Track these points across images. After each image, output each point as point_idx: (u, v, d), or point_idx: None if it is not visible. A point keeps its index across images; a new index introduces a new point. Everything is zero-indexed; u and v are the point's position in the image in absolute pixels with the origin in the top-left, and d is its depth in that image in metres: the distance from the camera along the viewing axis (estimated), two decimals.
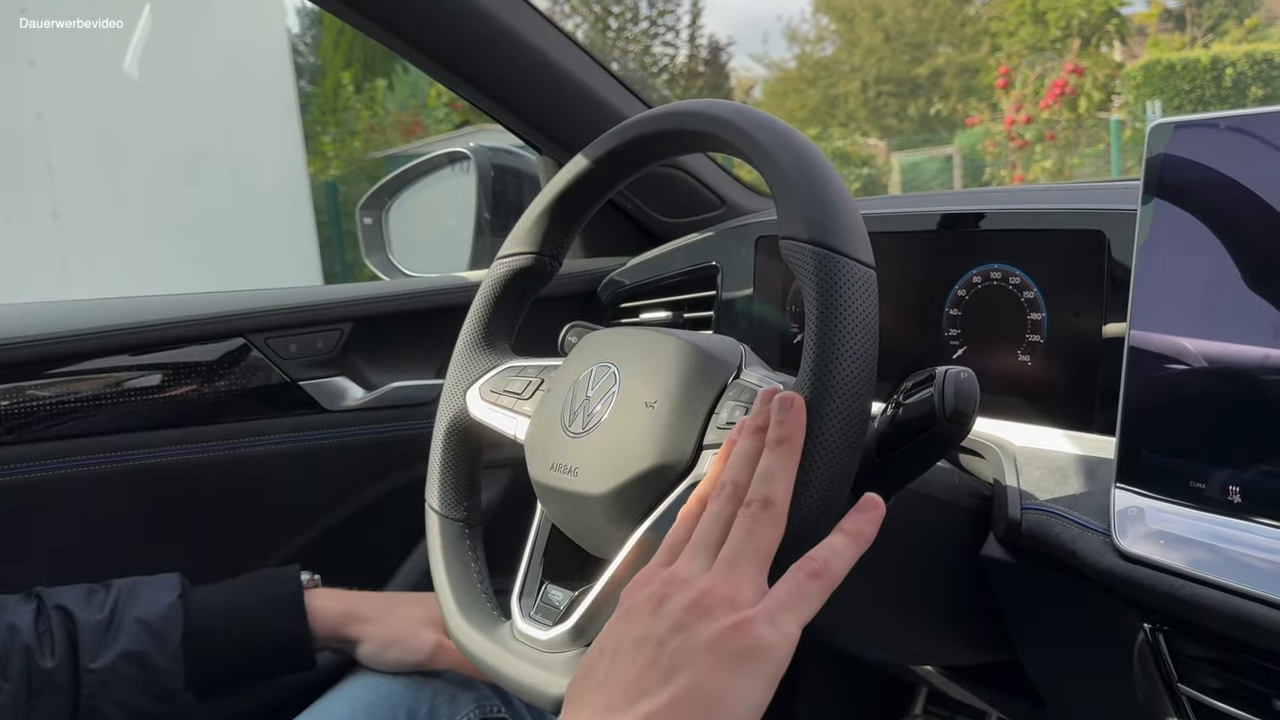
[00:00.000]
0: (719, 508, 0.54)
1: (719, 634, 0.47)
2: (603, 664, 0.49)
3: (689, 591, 0.49)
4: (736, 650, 0.46)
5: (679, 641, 0.47)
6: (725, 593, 0.49)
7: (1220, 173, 0.63)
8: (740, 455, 0.56)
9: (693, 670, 0.46)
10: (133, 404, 1.03)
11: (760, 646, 0.47)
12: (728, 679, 0.46)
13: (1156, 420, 0.65)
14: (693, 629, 0.47)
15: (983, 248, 0.84)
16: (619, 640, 0.50)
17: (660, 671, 0.46)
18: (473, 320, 0.81)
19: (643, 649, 0.48)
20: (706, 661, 0.46)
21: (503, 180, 1.32)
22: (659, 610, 0.49)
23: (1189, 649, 0.64)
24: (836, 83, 18.33)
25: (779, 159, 0.63)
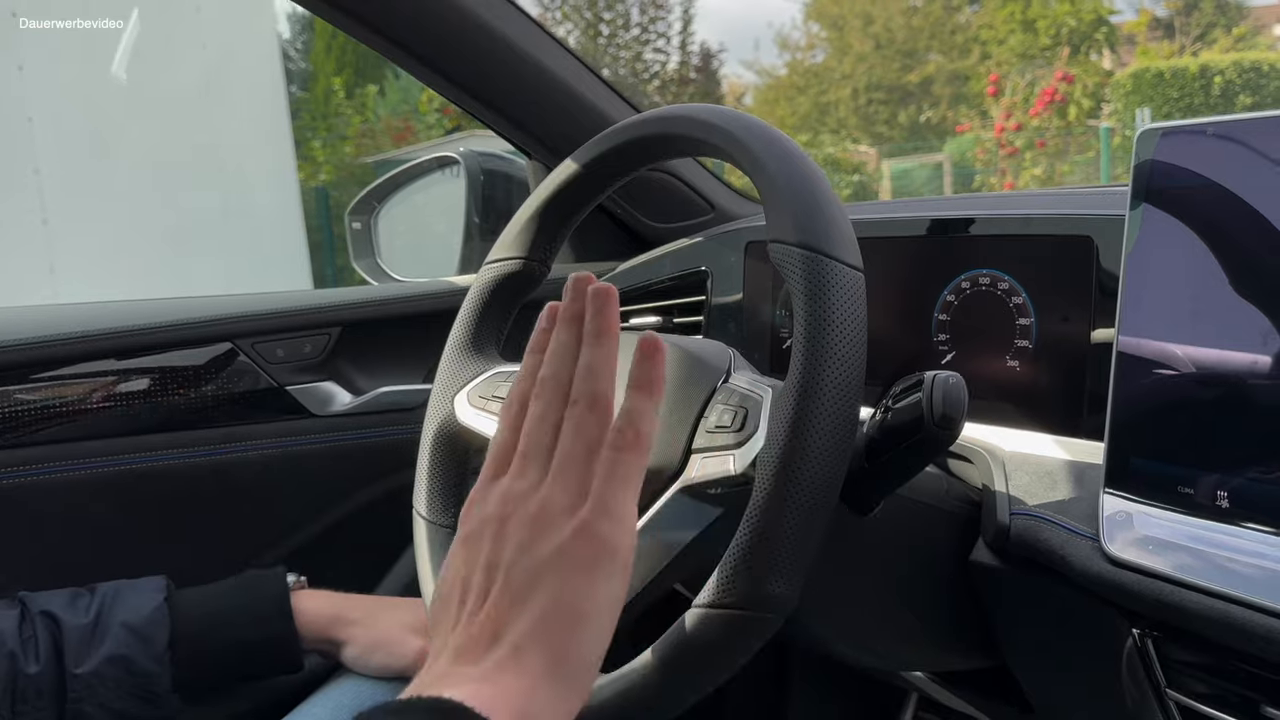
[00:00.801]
0: (542, 409, 0.52)
1: (563, 545, 0.47)
2: (455, 599, 0.49)
3: (528, 506, 0.49)
4: (585, 556, 0.47)
5: (526, 562, 0.47)
6: (561, 501, 0.48)
7: (1208, 178, 0.63)
8: (559, 348, 0.53)
9: (547, 587, 0.46)
10: (119, 409, 1.03)
11: (606, 545, 0.47)
12: (583, 586, 0.46)
13: (1145, 425, 0.65)
14: (537, 546, 0.47)
15: (972, 253, 0.84)
16: (468, 571, 0.49)
17: (516, 597, 0.46)
18: (461, 325, 0.80)
19: (491, 577, 0.47)
20: (559, 575, 0.46)
21: (492, 185, 1.31)
22: (501, 533, 0.48)
23: (1177, 654, 0.64)
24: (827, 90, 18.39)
25: (767, 163, 0.63)
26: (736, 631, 0.57)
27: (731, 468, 0.61)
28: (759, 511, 0.56)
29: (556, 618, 0.45)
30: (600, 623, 0.47)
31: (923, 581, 0.78)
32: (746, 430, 0.61)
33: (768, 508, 0.56)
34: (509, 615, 0.46)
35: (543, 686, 0.44)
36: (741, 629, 0.57)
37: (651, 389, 0.51)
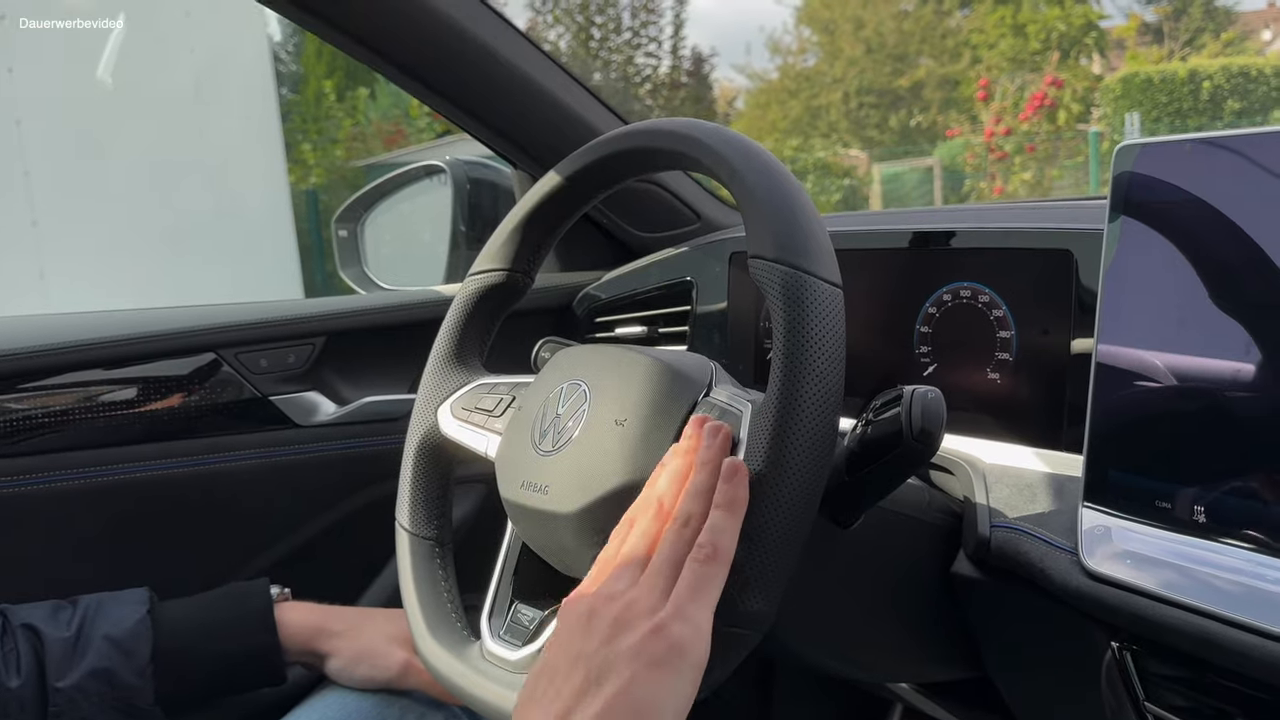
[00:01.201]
0: (646, 525, 0.57)
1: (639, 641, 0.51)
2: (542, 684, 0.53)
3: (615, 606, 0.53)
4: (657, 654, 0.51)
5: (605, 654, 0.51)
6: (645, 603, 0.53)
7: (1187, 192, 0.64)
8: (670, 475, 0.59)
9: (619, 678, 0.50)
10: (102, 419, 1.03)
11: (677, 645, 0.51)
12: (653, 681, 0.50)
13: (1123, 439, 0.65)
14: (617, 640, 0.52)
15: (953, 266, 0.84)
16: (556, 660, 0.54)
17: (591, 684, 0.51)
18: (444, 337, 0.80)
19: (576, 666, 0.52)
20: (631, 668, 0.50)
21: (479, 194, 1.32)
22: (589, 627, 0.53)
23: (1156, 668, 0.64)
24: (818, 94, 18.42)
25: (748, 178, 0.63)
26: (714, 648, 0.57)
27: None
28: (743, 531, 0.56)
29: (622, 707, 0.49)
30: (665, 714, 0.50)
31: (905, 593, 0.78)
32: None
33: (747, 524, 0.56)
34: (582, 701, 0.50)
35: None
36: (719, 646, 0.57)
37: (733, 508, 0.56)
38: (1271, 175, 0.60)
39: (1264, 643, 0.55)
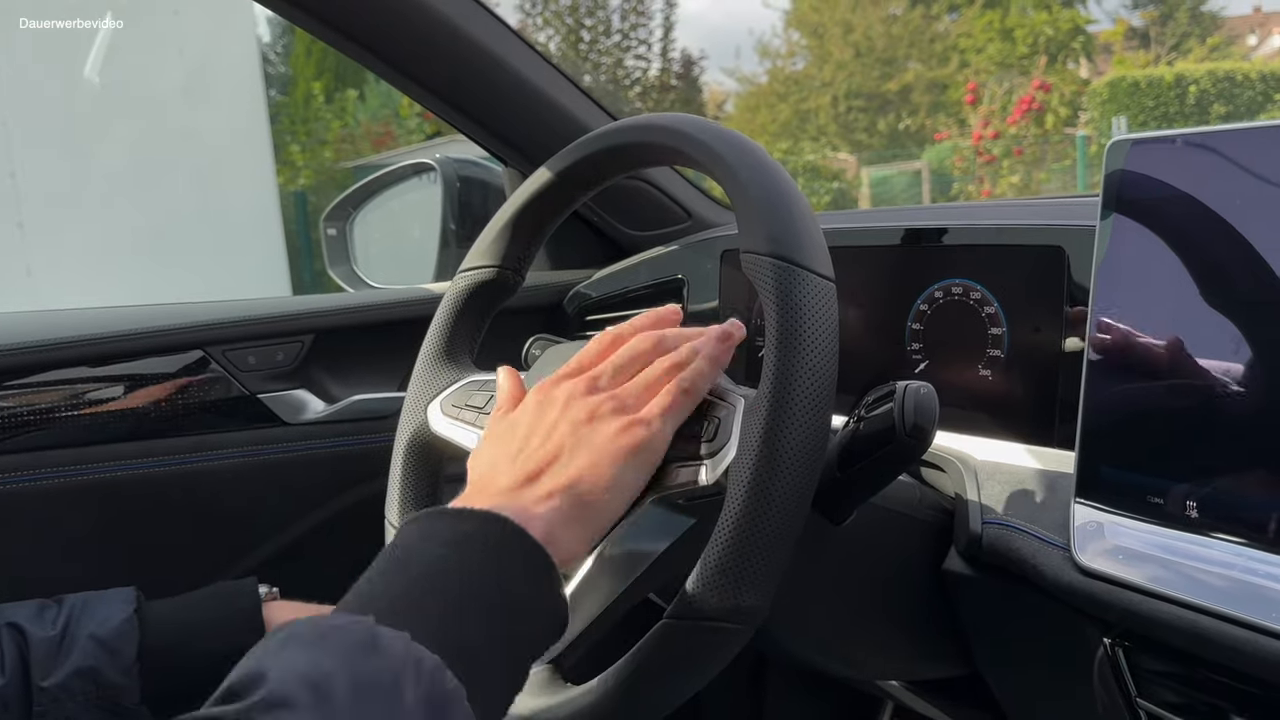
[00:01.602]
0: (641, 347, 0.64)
1: (615, 432, 0.59)
2: (513, 440, 0.61)
3: (597, 398, 0.61)
4: (626, 445, 0.58)
5: (582, 434, 0.59)
6: (624, 405, 0.60)
7: (1178, 189, 0.64)
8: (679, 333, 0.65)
9: (590, 457, 0.58)
10: (89, 417, 1.02)
11: (645, 443, 0.59)
12: (615, 465, 0.58)
13: (1115, 435, 0.65)
14: (594, 426, 0.59)
15: (945, 262, 0.84)
16: (530, 428, 0.61)
17: (564, 455, 0.58)
18: (434, 334, 0.80)
19: (551, 436, 0.59)
20: (602, 451, 0.58)
21: (469, 192, 1.31)
22: (569, 407, 0.61)
23: (1148, 664, 0.64)
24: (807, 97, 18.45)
25: (740, 173, 0.63)
26: (707, 643, 0.57)
27: (703, 478, 0.61)
28: (730, 523, 0.56)
29: (589, 480, 0.57)
30: (617, 496, 0.58)
31: (896, 590, 0.78)
32: (719, 440, 0.61)
33: (738, 519, 0.56)
34: (550, 468, 0.58)
35: (564, 527, 0.55)
36: (712, 641, 0.57)
37: (717, 364, 0.63)
38: (1261, 172, 0.60)
39: (1255, 637, 0.55)
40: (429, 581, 0.49)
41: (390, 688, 0.42)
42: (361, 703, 0.42)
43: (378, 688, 0.42)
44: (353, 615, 0.46)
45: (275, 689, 0.41)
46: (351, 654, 0.43)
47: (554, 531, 0.54)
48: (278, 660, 0.43)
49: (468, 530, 0.51)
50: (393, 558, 0.51)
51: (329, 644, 0.43)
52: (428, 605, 0.48)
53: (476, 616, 0.49)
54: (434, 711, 0.43)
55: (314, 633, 0.44)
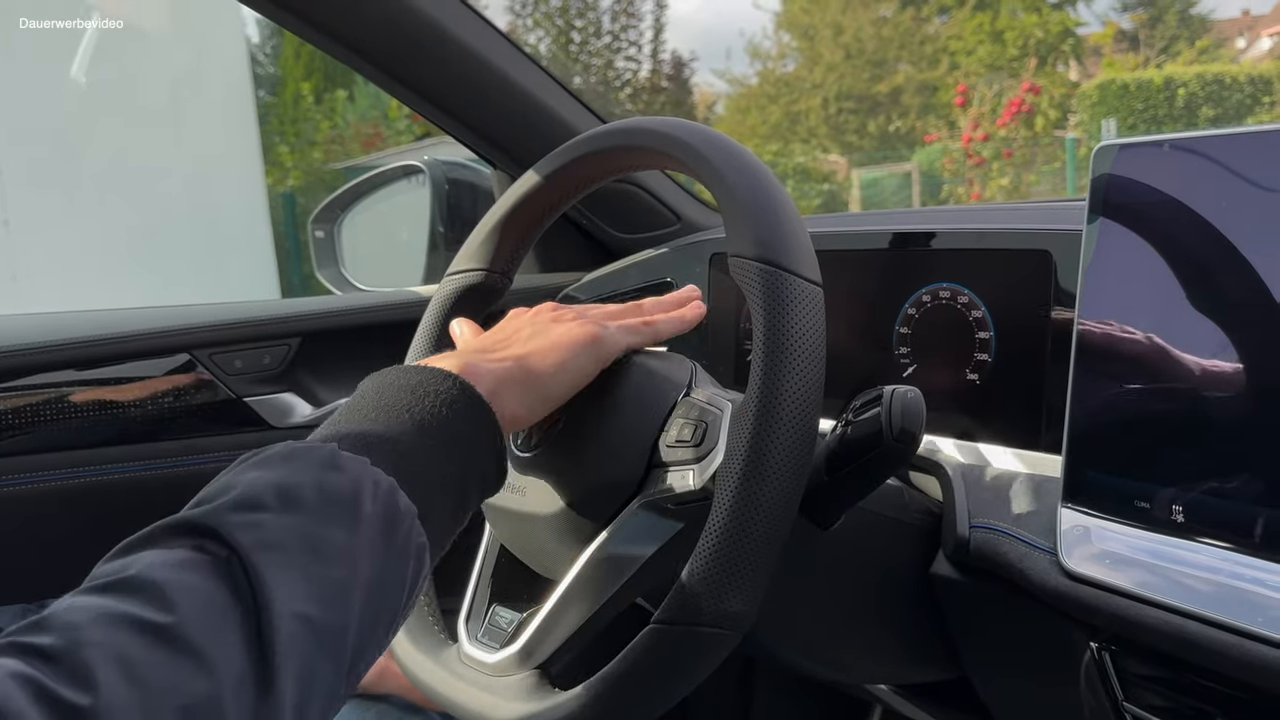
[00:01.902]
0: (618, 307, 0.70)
1: (565, 329, 0.64)
2: (485, 340, 0.67)
3: (562, 312, 0.67)
4: (579, 337, 0.64)
5: (538, 327, 0.65)
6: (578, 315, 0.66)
7: (1164, 193, 0.64)
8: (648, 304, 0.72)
9: (539, 341, 0.63)
10: (75, 421, 1.01)
11: (596, 338, 0.64)
12: (564, 351, 0.63)
13: (1102, 439, 0.65)
14: (550, 324, 0.65)
15: (932, 267, 0.84)
16: (502, 327, 0.68)
17: (523, 338, 0.64)
18: (421, 338, 0.80)
19: (517, 331, 0.66)
20: (556, 337, 0.63)
21: (457, 194, 1.31)
22: (537, 315, 0.67)
23: (1135, 668, 0.64)
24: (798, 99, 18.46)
25: (728, 177, 0.63)
26: (694, 648, 0.57)
27: (691, 482, 0.61)
28: (717, 528, 0.56)
29: (537, 357, 0.62)
30: (562, 373, 0.62)
31: (884, 594, 0.78)
32: (706, 445, 0.61)
33: (726, 524, 0.56)
34: (508, 348, 0.63)
35: (508, 387, 0.60)
36: (699, 646, 0.57)
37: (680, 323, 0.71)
38: (1247, 176, 0.60)
39: (1241, 642, 0.55)
40: (385, 419, 0.54)
41: (351, 499, 0.47)
42: (325, 508, 0.46)
43: (339, 497, 0.47)
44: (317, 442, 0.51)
45: (246, 492, 0.45)
46: (317, 469, 0.47)
47: (498, 390, 0.59)
48: (248, 474, 0.46)
49: (419, 379, 0.56)
50: (351, 405, 0.56)
51: (295, 461, 0.48)
52: (383, 439, 0.52)
53: (426, 452, 0.53)
54: (389, 524, 0.48)
55: (280, 454, 0.48)
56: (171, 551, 0.42)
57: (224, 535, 0.42)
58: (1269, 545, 0.56)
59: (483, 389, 0.57)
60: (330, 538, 0.45)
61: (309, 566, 0.43)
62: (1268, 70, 11.94)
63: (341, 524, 0.46)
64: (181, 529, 0.43)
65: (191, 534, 0.43)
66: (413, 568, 0.50)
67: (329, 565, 0.44)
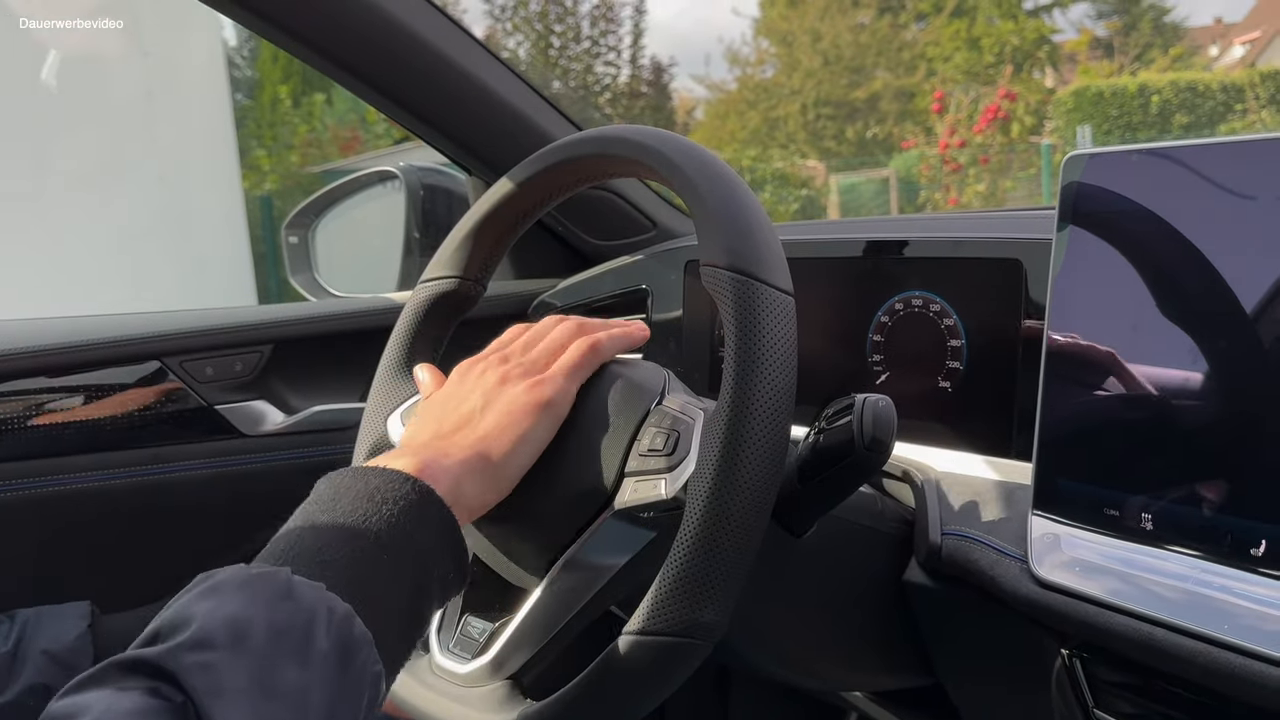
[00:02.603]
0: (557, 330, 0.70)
1: (517, 394, 0.64)
2: (437, 411, 0.66)
3: (507, 367, 0.67)
4: (531, 403, 0.63)
5: (488, 400, 0.64)
6: (528, 370, 0.66)
7: (1133, 202, 0.64)
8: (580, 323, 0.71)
9: (497, 416, 0.63)
10: (43, 429, 1.00)
11: (549, 401, 0.64)
12: (524, 421, 0.63)
13: (1072, 447, 0.66)
14: (499, 391, 0.65)
15: (905, 275, 0.85)
16: (449, 395, 0.67)
17: (477, 414, 0.64)
18: (394, 345, 0.79)
19: (467, 400, 0.65)
20: (505, 411, 0.63)
21: (433, 200, 1.30)
22: (482, 376, 0.66)
23: (1105, 674, 0.65)
24: (776, 105, 18.52)
25: (700, 186, 0.63)
26: (665, 659, 0.57)
27: (663, 491, 0.61)
28: (688, 537, 0.56)
29: (495, 437, 0.62)
30: (521, 450, 0.62)
31: (857, 601, 0.78)
32: (678, 454, 0.61)
33: (697, 533, 0.56)
34: (462, 429, 0.62)
35: (470, 479, 0.59)
36: (671, 656, 0.57)
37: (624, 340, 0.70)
38: (1216, 186, 0.61)
39: (1208, 648, 0.56)
40: (340, 534, 0.52)
41: (304, 632, 0.46)
42: (277, 644, 0.45)
43: (292, 631, 0.46)
44: (271, 566, 0.50)
45: (200, 630, 0.44)
46: (269, 600, 0.46)
47: (459, 484, 0.58)
48: (201, 605, 0.46)
49: (377, 485, 0.55)
50: (307, 512, 0.55)
51: (248, 591, 0.47)
52: (339, 557, 0.51)
53: (386, 569, 0.52)
54: (344, 656, 0.47)
55: (235, 581, 0.47)
56: (125, 695, 0.42)
57: (179, 679, 0.42)
58: (1237, 553, 0.56)
59: (443, 489, 0.56)
60: (283, 676, 0.44)
61: (260, 707, 0.43)
62: (1240, 78, 12.07)
63: (294, 660, 0.45)
64: (135, 669, 0.43)
65: (145, 675, 0.43)
66: (367, 697, 0.48)
67: (281, 705, 0.44)
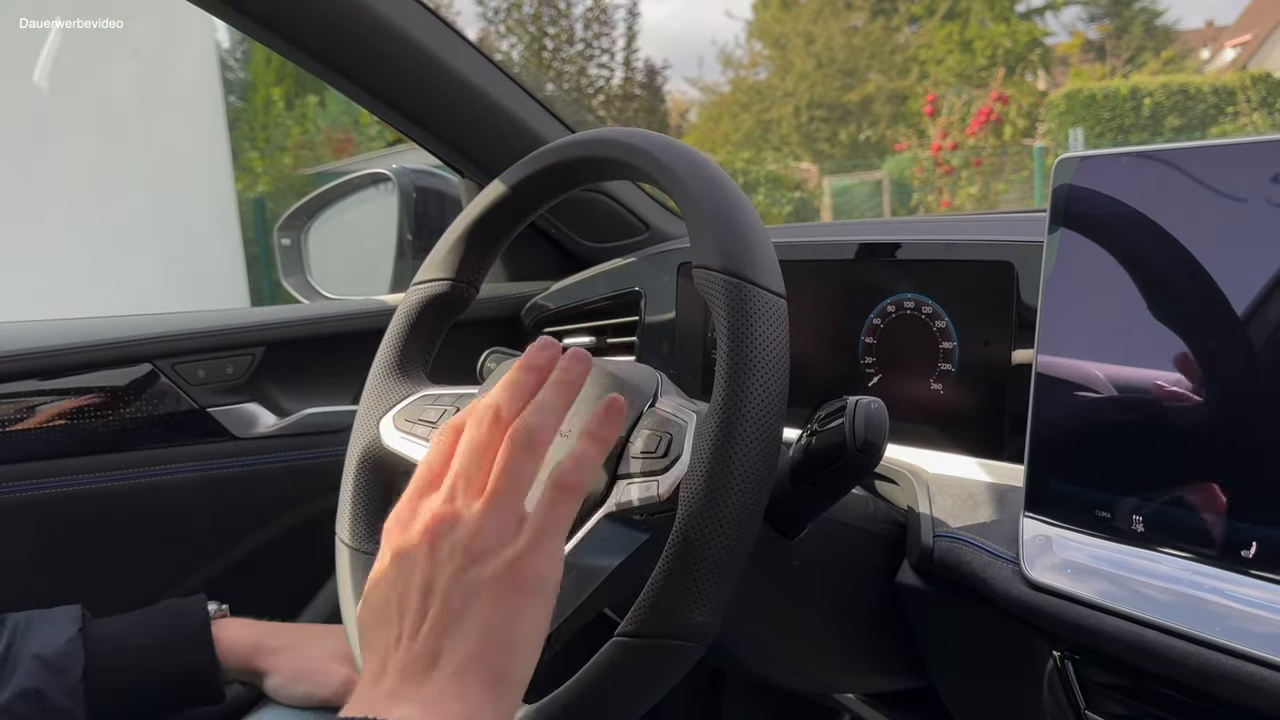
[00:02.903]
0: (480, 436, 0.54)
1: (497, 576, 0.50)
2: (393, 616, 0.51)
3: (459, 533, 0.51)
4: (516, 587, 0.50)
5: (462, 589, 0.50)
6: (495, 532, 0.51)
7: (1124, 204, 0.64)
8: (512, 383, 0.56)
9: (482, 613, 0.49)
10: (35, 432, 1.00)
11: (538, 578, 0.51)
12: (515, 613, 0.50)
13: (1063, 449, 0.66)
14: (472, 573, 0.50)
15: (897, 277, 0.85)
16: (403, 589, 0.51)
17: (453, 620, 0.49)
18: (387, 347, 0.79)
19: (430, 599, 0.50)
20: (493, 602, 0.49)
21: (425, 202, 1.30)
22: (434, 555, 0.51)
23: (1096, 676, 0.65)
24: (770, 107, 18.55)
25: (692, 188, 0.63)
26: (658, 661, 0.57)
27: (656, 493, 0.61)
28: (680, 539, 0.56)
29: (493, 643, 0.49)
30: (530, 647, 0.51)
31: (850, 603, 0.78)
32: (670, 455, 0.61)
33: (689, 535, 0.56)
34: (447, 640, 0.49)
35: (482, 709, 0.48)
36: (663, 659, 0.57)
37: (605, 443, 0.56)
38: (1206, 188, 0.61)
39: (1199, 650, 0.56)
40: None
41: None
42: None
43: None
44: None
45: None
46: None
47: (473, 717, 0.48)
48: None
49: None
50: None
51: None
52: None
53: None
54: None
55: None
56: None
57: None
58: (1228, 555, 0.57)
59: None
60: None
61: None
62: (1231, 81, 12.12)
63: None
64: None
65: None
66: None
67: None
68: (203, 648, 0.87)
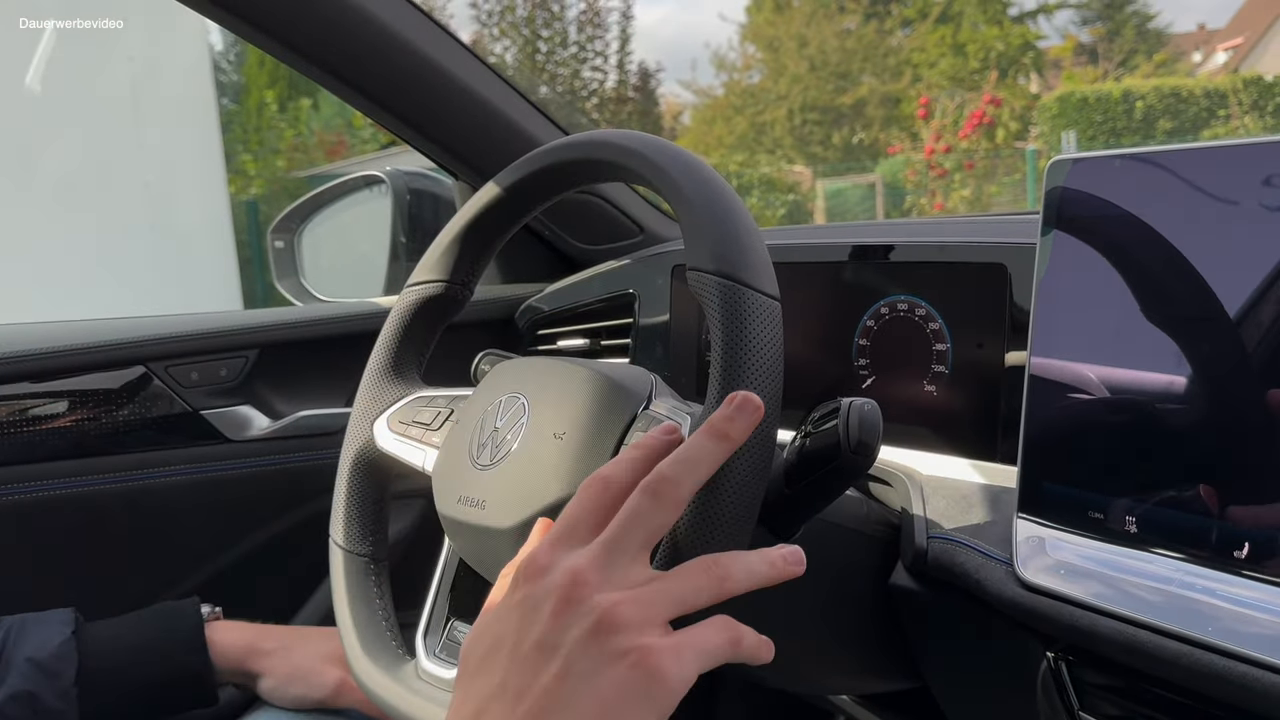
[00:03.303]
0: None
1: (626, 658, 0.45)
2: (501, 662, 0.48)
3: (598, 601, 0.47)
4: (640, 686, 0.45)
5: (588, 661, 0.45)
6: (633, 617, 0.47)
7: (1118, 206, 0.64)
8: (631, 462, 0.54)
9: (598, 693, 0.45)
10: (28, 434, 1.00)
11: (663, 680, 0.46)
12: (627, 707, 0.45)
13: (1057, 451, 0.66)
14: (600, 647, 0.46)
15: (891, 279, 0.85)
16: (519, 637, 0.48)
17: (567, 690, 0.45)
18: (381, 349, 0.79)
19: (548, 659, 0.46)
20: (612, 686, 0.45)
21: (419, 204, 1.30)
22: (564, 615, 0.47)
23: (1090, 677, 0.65)
24: (763, 110, 18.56)
25: (686, 190, 0.63)
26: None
27: None
28: (674, 542, 0.56)
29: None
30: None
31: (844, 604, 0.78)
32: None
33: (683, 537, 0.56)
34: (554, 706, 0.45)
35: None
36: None
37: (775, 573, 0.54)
38: (1198, 191, 0.61)
39: (1192, 651, 0.56)
40: None
41: None
42: None
43: None
44: None
45: None
46: None
47: None
48: None
49: None
50: None
51: None
52: None
53: None
54: None
55: None
56: None
57: None
58: (1220, 556, 0.57)
59: None
60: None
61: None
62: (1223, 84, 12.16)
63: None
64: None
65: None
66: None
67: None
68: (196, 650, 0.87)
